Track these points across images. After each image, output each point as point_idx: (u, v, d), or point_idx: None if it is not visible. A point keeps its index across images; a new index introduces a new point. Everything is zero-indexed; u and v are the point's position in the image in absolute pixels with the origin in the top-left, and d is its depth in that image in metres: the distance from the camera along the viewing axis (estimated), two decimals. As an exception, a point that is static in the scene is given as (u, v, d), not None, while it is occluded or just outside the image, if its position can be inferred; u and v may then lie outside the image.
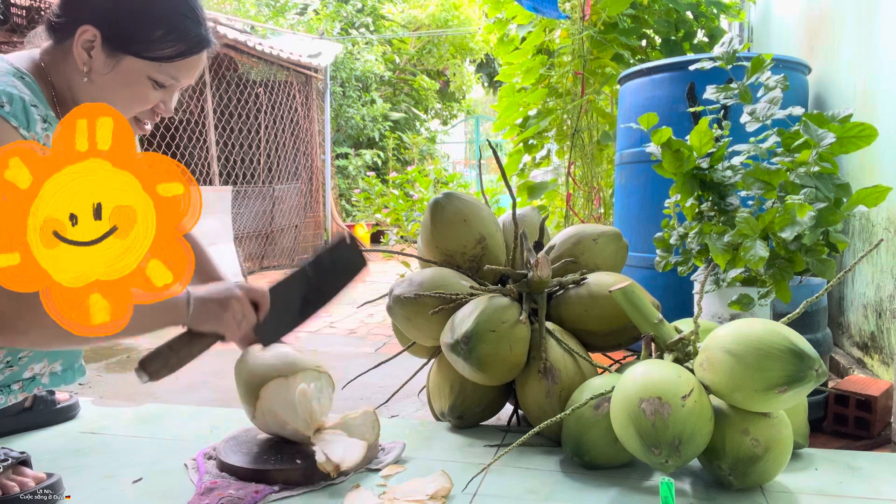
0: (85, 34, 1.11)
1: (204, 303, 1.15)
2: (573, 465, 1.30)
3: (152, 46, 1.13)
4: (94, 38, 1.11)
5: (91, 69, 1.13)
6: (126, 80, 1.14)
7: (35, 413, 1.54)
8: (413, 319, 1.54)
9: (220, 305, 1.17)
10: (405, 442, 1.41)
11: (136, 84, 1.15)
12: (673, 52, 3.15)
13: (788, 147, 1.45)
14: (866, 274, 1.95)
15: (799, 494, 1.18)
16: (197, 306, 1.14)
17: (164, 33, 1.13)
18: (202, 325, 1.16)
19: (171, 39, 1.14)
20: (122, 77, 1.14)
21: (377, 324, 3.29)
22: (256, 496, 1.16)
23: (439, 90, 12.03)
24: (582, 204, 3.30)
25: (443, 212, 1.62)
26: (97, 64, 1.13)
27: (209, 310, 1.16)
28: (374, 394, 1.95)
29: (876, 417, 1.54)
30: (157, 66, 1.14)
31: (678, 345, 1.29)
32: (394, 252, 1.73)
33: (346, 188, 8.70)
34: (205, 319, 1.16)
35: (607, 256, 1.65)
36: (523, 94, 3.53)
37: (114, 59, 1.13)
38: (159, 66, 1.15)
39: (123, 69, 1.13)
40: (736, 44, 1.61)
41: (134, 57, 1.13)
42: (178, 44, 1.15)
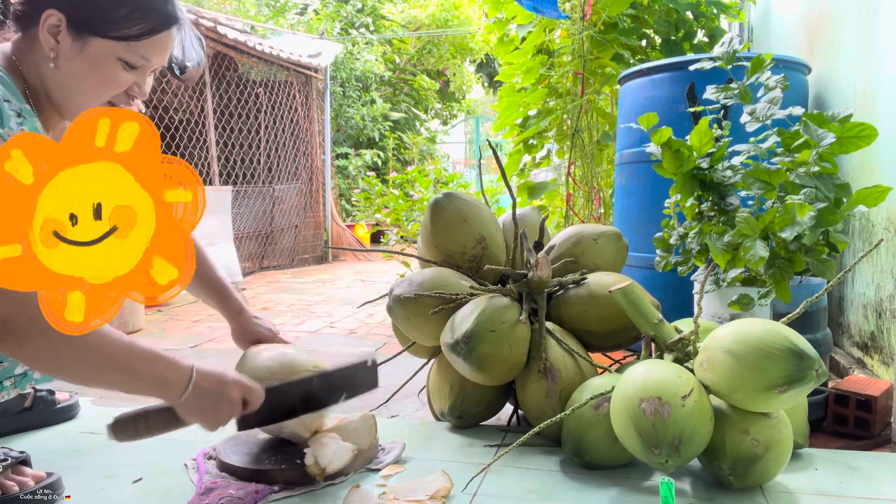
0: (50, 19, 1.09)
1: (197, 395, 1.10)
2: (573, 465, 1.30)
3: (118, 25, 1.11)
4: (59, 23, 1.09)
5: (58, 54, 1.11)
6: (94, 63, 1.12)
7: (35, 413, 1.54)
8: (413, 319, 1.54)
9: (212, 402, 1.12)
10: (405, 442, 1.41)
11: (105, 66, 1.13)
12: (673, 52, 3.15)
13: (788, 147, 1.46)
14: (866, 274, 1.95)
15: (799, 494, 1.18)
16: (190, 395, 1.10)
17: (129, 11, 1.11)
18: (187, 413, 1.12)
19: (137, 17, 1.12)
20: (90, 60, 1.11)
21: (377, 324, 3.29)
22: (256, 496, 1.16)
23: (439, 90, 12.04)
24: (582, 204, 3.30)
25: (443, 212, 1.62)
26: (64, 48, 1.11)
27: (199, 404, 1.11)
28: (374, 394, 1.95)
29: (876, 417, 1.54)
30: (126, 46, 1.12)
31: (678, 345, 1.29)
32: (394, 252, 1.74)
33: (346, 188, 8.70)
34: (192, 411, 1.11)
35: (607, 256, 1.65)
36: (523, 94, 3.53)
37: (80, 42, 1.11)
38: (128, 46, 1.12)
39: (91, 52, 1.11)
40: (736, 44, 1.61)
41: (100, 38, 1.11)
42: (144, 21, 1.12)
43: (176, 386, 1.09)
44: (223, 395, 1.13)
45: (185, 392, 1.09)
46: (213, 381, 1.12)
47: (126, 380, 1.06)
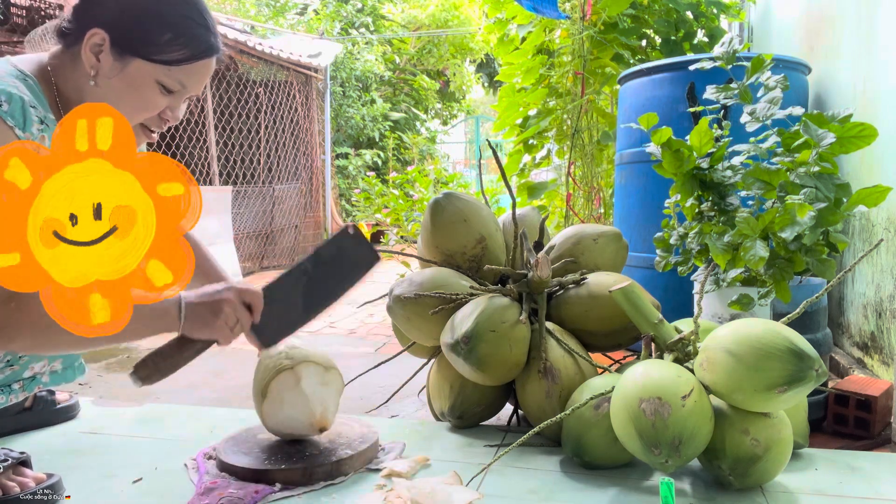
0: (94, 37, 1.11)
1: (195, 309, 1.14)
2: (573, 465, 1.30)
3: (160, 49, 1.13)
4: (102, 42, 1.12)
5: (99, 73, 1.13)
6: (134, 84, 1.15)
7: (35, 413, 1.54)
8: (413, 319, 1.54)
9: (212, 311, 1.16)
10: (405, 442, 1.41)
11: (144, 88, 1.15)
12: (673, 52, 3.15)
13: (788, 147, 1.46)
14: (866, 274, 1.95)
15: (799, 494, 1.18)
16: (188, 313, 1.14)
17: (173, 37, 1.14)
18: (194, 332, 1.16)
19: (180, 43, 1.14)
20: (129, 80, 1.14)
21: (377, 324, 3.29)
22: (256, 496, 1.16)
23: (439, 90, 12.03)
24: (582, 204, 3.30)
25: (443, 212, 1.62)
26: (105, 67, 1.13)
27: (200, 316, 1.15)
28: (374, 394, 1.95)
29: (876, 417, 1.54)
30: (166, 70, 1.15)
31: (678, 345, 1.29)
32: (394, 252, 1.74)
33: (346, 188, 8.70)
34: (197, 326, 1.15)
35: (607, 256, 1.65)
36: (523, 94, 3.53)
37: (122, 63, 1.13)
38: (167, 70, 1.15)
39: (131, 72, 1.14)
40: (736, 44, 1.61)
41: (142, 60, 1.13)
42: (186, 48, 1.15)
43: (171, 313, 1.13)
44: (220, 301, 1.17)
45: (181, 314, 1.13)
46: (206, 294, 1.17)
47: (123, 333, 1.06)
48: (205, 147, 5.21)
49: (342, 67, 9.12)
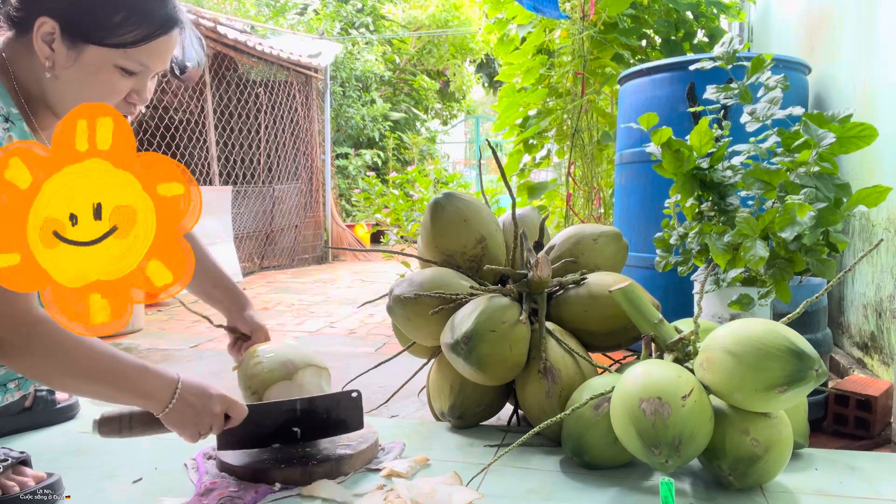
0: (43, 27, 1.06)
1: (181, 408, 1.12)
2: (573, 465, 1.30)
3: (113, 32, 1.07)
4: (53, 31, 1.06)
5: (54, 63, 1.08)
6: (91, 72, 1.09)
7: (35, 413, 1.54)
8: (413, 319, 1.54)
9: (195, 415, 1.14)
10: (405, 442, 1.41)
11: (103, 74, 1.09)
12: (673, 52, 3.15)
13: (788, 147, 1.46)
14: (866, 274, 1.95)
15: (799, 494, 1.18)
16: (173, 408, 1.11)
17: (125, 17, 1.07)
18: (169, 422, 1.13)
19: (133, 23, 1.08)
20: (86, 68, 1.08)
21: (377, 324, 3.29)
22: (256, 496, 1.16)
23: (439, 90, 12.03)
24: (582, 204, 3.30)
25: (443, 212, 1.62)
26: (59, 57, 1.07)
27: (182, 414, 1.13)
28: (374, 394, 1.95)
29: (876, 417, 1.54)
30: (123, 53, 1.08)
31: (678, 345, 1.29)
32: (394, 252, 1.74)
33: (346, 188, 8.70)
34: (174, 420, 1.13)
35: (607, 256, 1.65)
36: (523, 94, 3.53)
37: (76, 51, 1.07)
38: (125, 53, 1.09)
39: (87, 60, 1.08)
40: (736, 44, 1.61)
41: (96, 46, 1.07)
42: (140, 27, 1.09)
43: (161, 398, 1.11)
44: (206, 408, 1.15)
45: (169, 405, 1.11)
46: (197, 395, 1.14)
47: (112, 393, 1.08)
48: (205, 147, 5.21)
49: (342, 67, 9.12)
